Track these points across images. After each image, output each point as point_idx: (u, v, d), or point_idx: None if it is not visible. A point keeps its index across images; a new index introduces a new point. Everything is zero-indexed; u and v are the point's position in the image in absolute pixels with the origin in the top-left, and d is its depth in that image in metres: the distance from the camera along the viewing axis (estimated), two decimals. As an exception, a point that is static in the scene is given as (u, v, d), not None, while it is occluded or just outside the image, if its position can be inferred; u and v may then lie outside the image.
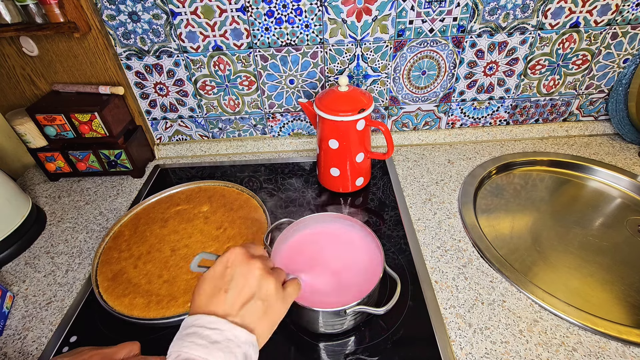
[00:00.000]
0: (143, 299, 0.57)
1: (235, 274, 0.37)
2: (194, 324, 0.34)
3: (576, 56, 0.80)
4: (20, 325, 0.58)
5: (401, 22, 0.74)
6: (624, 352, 0.49)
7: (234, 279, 0.36)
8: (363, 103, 0.67)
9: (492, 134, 0.92)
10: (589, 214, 0.72)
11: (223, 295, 0.35)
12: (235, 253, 0.38)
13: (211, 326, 0.33)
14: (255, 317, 0.36)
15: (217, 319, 0.34)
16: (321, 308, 0.47)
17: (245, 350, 0.33)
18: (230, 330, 0.33)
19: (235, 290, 0.36)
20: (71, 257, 0.69)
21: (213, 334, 0.32)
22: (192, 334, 0.33)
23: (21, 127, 0.78)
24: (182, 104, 0.87)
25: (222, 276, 0.37)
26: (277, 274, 0.39)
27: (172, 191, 0.78)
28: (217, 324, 0.33)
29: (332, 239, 0.58)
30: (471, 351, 0.50)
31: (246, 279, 0.36)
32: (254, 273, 0.37)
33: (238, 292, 0.36)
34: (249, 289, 0.36)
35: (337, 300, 0.49)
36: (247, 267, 0.37)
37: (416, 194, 0.77)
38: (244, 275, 0.37)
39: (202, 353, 0.31)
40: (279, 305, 0.38)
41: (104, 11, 0.73)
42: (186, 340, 0.32)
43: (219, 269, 0.37)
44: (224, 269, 0.37)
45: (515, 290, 0.57)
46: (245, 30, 0.75)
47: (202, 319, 0.34)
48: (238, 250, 0.38)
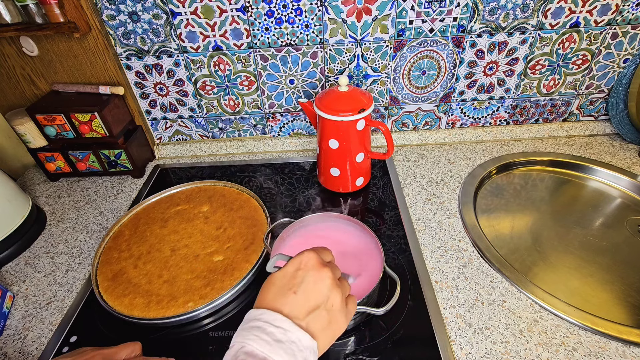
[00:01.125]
0: (143, 299, 0.57)
1: (306, 277, 0.36)
2: (259, 318, 0.33)
3: (576, 56, 0.80)
4: (20, 325, 0.58)
5: (401, 22, 0.74)
6: (624, 352, 0.49)
7: (304, 282, 0.36)
8: (363, 103, 0.67)
9: (492, 134, 0.92)
10: (589, 214, 0.72)
11: (292, 295, 0.35)
12: (309, 257, 0.37)
13: (276, 324, 0.33)
14: (320, 326, 0.35)
15: (282, 317, 0.33)
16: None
17: (306, 355, 0.33)
18: (295, 333, 0.33)
19: (304, 295, 0.35)
20: (71, 257, 0.69)
21: (277, 332, 0.32)
22: (257, 327, 0.33)
23: (21, 127, 0.78)
24: (182, 104, 0.87)
25: (293, 277, 0.36)
26: (343, 287, 0.39)
27: (172, 191, 0.78)
28: (282, 322, 0.33)
29: (332, 239, 0.58)
30: (471, 351, 0.50)
31: (316, 285, 0.36)
32: (325, 282, 0.36)
33: (306, 297, 0.35)
34: (317, 296, 0.36)
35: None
36: (319, 274, 0.36)
37: (416, 194, 0.77)
38: (314, 281, 0.36)
39: (266, 350, 0.31)
40: (341, 319, 0.37)
41: (104, 11, 0.73)
42: (251, 333, 0.32)
43: (291, 270, 0.37)
44: (295, 271, 0.37)
45: (516, 290, 0.57)
46: (245, 30, 0.75)
47: (267, 314, 0.34)
48: (312, 255, 0.38)
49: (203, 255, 0.63)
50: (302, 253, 0.38)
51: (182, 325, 0.56)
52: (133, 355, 0.43)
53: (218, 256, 0.63)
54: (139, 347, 0.44)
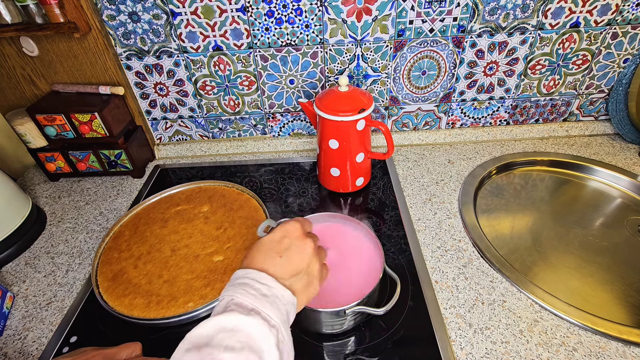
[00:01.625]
0: (143, 299, 0.57)
1: (291, 245, 0.40)
2: (246, 276, 0.36)
3: (576, 56, 0.80)
4: (21, 326, 0.58)
5: (401, 22, 0.74)
6: (624, 352, 0.49)
7: (289, 248, 0.40)
8: (363, 103, 0.67)
9: (492, 134, 0.92)
10: (589, 214, 0.72)
11: (277, 258, 0.39)
12: (294, 227, 0.41)
13: (262, 281, 0.36)
14: (300, 287, 0.39)
15: (267, 276, 0.37)
16: (321, 308, 0.47)
17: (288, 309, 0.36)
18: (278, 289, 0.36)
19: (288, 259, 0.39)
20: (71, 257, 0.69)
21: (263, 287, 0.35)
22: (244, 284, 0.36)
23: (21, 127, 0.78)
24: (182, 104, 0.87)
25: (279, 243, 0.40)
26: (321, 255, 0.43)
27: (172, 191, 0.78)
28: (267, 280, 0.36)
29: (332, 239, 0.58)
30: (471, 351, 0.50)
31: (299, 252, 0.40)
32: (307, 250, 0.40)
33: (290, 262, 0.39)
34: (300, 262, 0.40)
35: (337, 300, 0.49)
36: (303, 242, 0.41)
37: (416, 194, 0.77)
38: (298, 248, 0.40)
39: (253, 301, 0.34)
40: (316, 283, 0.41)
41: (104, 11, 0.73)
42: (240, 287, 0.35)
43: (278, 236, 0.41)
44: (281, 237, 0.40)
45: (516, 290, 0.57)
46: (246, 30, 0.75)
47: (254, 273, 0.37)
48: (297, 225, 0.42)
49: (203, 256, 0.63)
50: (288, 222, 0.42)
51: (182, 325, 0.56)
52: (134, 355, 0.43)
53: (218, 256, 0.63)
54: (139, 347, 0.44)
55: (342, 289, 0.51)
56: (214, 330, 0.32)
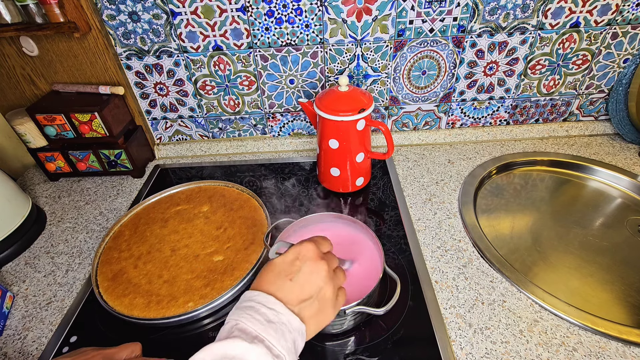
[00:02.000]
0: (143, 299, 0.57)
1: (303, 267, 0.38)
2: (254, 299, 0.35)
3: (576, 56, 0.80)
4: (20, 325, 0.58)
5: (401, 22, 0.74)
6: (624, 352, 0.49)
7: (300, 271, 0.38)
8: (363, 103, 0.67)
9: (492, 134, 0.92)
10: (589, 214, 0.72)
11: (287, 282, 0.37)
12: (307, 248, 0.39)
13: (269, 305, 0.35)
14: (310, 313, 0.37)
15: (275, 300, 0.35)
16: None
17: (294, 337, 0.35)
18: (285, 315, 0.35)
19: (299, 283, 0.37)
20: (71, 257, 0.69)
21: (270, 313, 0.34)
22: (251, 307, 0.35)
23: (21, 127, 0.78)
24: (182, 104, 0.87)
25: (291, 265, 0.38)
26: (337, 279, 0.40)
27: (172, 191, 0.78)
28: (275, 305, 0.35)
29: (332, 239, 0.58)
30: (471, 351, 0.50)
31: (311, 276, 0.38)
32: (320, 274, 0.38)
33: (300, 286, 0.37)
34: (311, 286, 0.38)
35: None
36: (316, 265, 0.38)
37: (416, 194, 0.77)
38: (310, 272, 0.38)
39: (258, 328, 0.33)
40: (330, 309, 0.39)
41: (104, 11, 0.73)
42: (245, 312, 0.34)
43: (290, 258, 0.39)
44: (294, 259, 0.39)
45: (516, 290, 0.57)
46: (246, 30, 0.75)
47: (261, 296, 0.36)
48: (310, 247, 0.40)
49: (203, 255, 0.63)
50: (302, 243, 0.40)
51: (182, 325, 0.56)
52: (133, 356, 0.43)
53: (218, 256, 0.63)
54: (139, 347, 0.44)
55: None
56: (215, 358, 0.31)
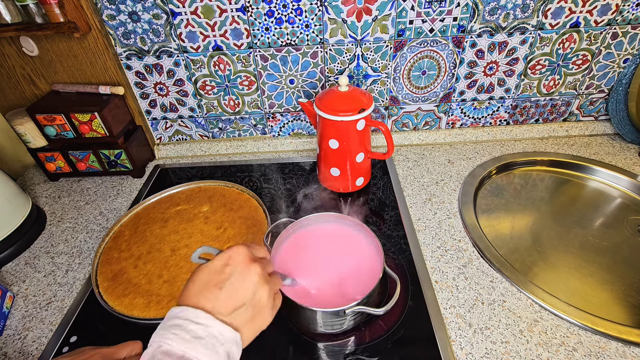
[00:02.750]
0: (143, 299, 0.57)
1: (234, 272, 0.36)
2: (179, 316, 0.33)
3: (576, 56, 0.80)
4: (20, 325, 0.58)
5: (401, 22, 0.74)
6: (624, 352, 0.49)
7: (231, 277, 0.36)
8: (363, 103, 0.67)
9: (492, 134, 0.92)
10: (589, 214, 0.72)
11: (217, 291, 0.35)
12: (237, 252, 0.37)
13: (197, 320, 0.33)
14: (244, 320, 0.35)
15: (204, 313, 0.33)
16: (321, 308, 0.47)
17: (228, 348, 0.33)
18: (216, 327, 0.33)
19: (230, 290, 0.35)
20: (71, 257, 0.69)
21: (198, 328, 0.32)
22: (177, 326, 0.32)
23: (21, 127, 0.78)
24: (182, 104, 0.87)
25: (220, 272, 0.36)
26: (273, 282, 0.39)
27: (172, 191, 0.78)
28: (203, 319, 0.33)
29: (332, 239, 0.58)
30: (471, 351, 0.50)
31: (243, 281, 0.36)
32: (252, 278, 0.36)
33: (231, 293, 0.35)
34: (244, 292, 0.36)
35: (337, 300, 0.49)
36: (247, 269, 0.36)
37: (416, 194, 0.77)
38: (242, 277, 0.36)
39: (184, 347, 0.31)
40: (267, 313, 0.38)
41: (104, 11, 0.73)
42: (169, 331, 0.32)
43: (219, 265, 0.36)
44: (223, 266, 0.36)
45: (516, 290, 0.57)
46: (245, 30, 0.75)
47: (188, 311, 0.33)
48: (241, 250, 0.37)
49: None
50: (232, 247, 0.38)
51: (182, 325, 0.56)
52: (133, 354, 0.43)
53: (218, 256, 0.63)
54: (139, 346, 0.44)
55: (341, 289, 0.51)
56: None
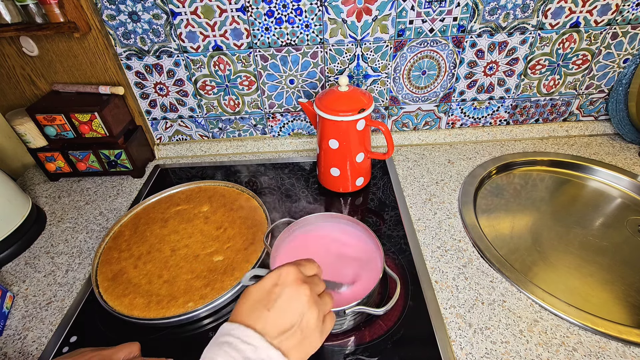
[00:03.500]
0: (143, 299, 0.57)
1: (282, 294, 0.35)
2: (231, 333, 0.33)
3: (576, 56, 0.80)
4: (20, 325, 0.58)
5: (401, 22, 0.74)
6: (624, 352, 0.49)
7: (279, 298, 0.35)
8: (363, 103, 0.67)
9: (492, 134, 0.92)
10: (589, 214, 0.72)
11: (265, 312, 0.34)
12: (288, 272, 0.36)
13: (247, 340, 0.33)
14: (292, 344, 0.35)
15: (254, 333, 0.33)
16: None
17: None
18: (265, 350, 0.32)
19: (278, 312, 0.34)
20: (71, 257, 0.69)
21: (248, 349, 0.32)
22: (228, 343, 0.32)
23: (21, 127, 0.78)
24: (182, 104, 0.87)
25: (269, 293, 0.35)
26: (322, 304, 0.38)
27: (172, 191, 0.78)
28: (253, 339, 0.33)
29: (332, 239, 0.58)
30: (471, 351, 0.50)
31: (291, 302, 0.35)
32: (301, 299, 0.35)
33: (280, 315, 0.34)
34: (292, 314, 0.35)
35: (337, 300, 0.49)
36: (296, 291, 0.35)
37: (416, 194, 0.77)
38: (290, 298, 0.35)
39: None
40: (316, 337, 0.36)
41: (104, 11, 0.73)
42: (221, 348, 0.32)
43: (268, 285, 0.36)
44: (272, 286, 0.36)
45: (516, 290, 0.57)
46: (245, 30, 0.75)
47: (239, 329, 0.33)
48: (291, 270, 0.37)
49: (203, 255, 0.63)
50: (282, 267, 0.37)
51: (182, 325, 0.56)
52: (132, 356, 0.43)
53: (218, 256, 0.63)
54: (137, 347, 0.44)
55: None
56: None
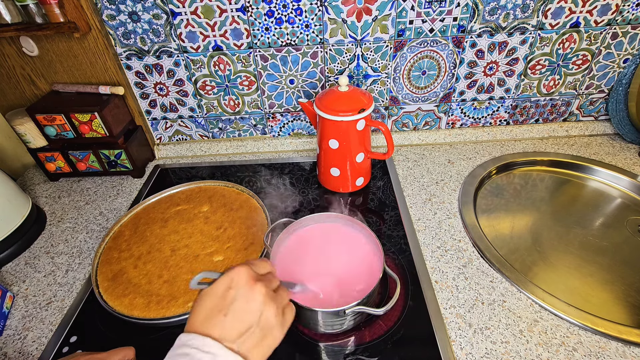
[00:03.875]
0: (143, 299, 0.57)
1: (237, 296, 0.35)
2: (188, 344, 0.33)
3: (576, 56, 0.80)
4: (20, 326, 0.58)
5: (401, 22, 0.74)
6: (624, 352, 0.49)
7: (235, 301, 0.34)
8: (363, 103, 0.67)
9: (492, 134, 0.92)
10: (589, 214, 0.72)
11: (222, 318, 0.34)
12: (239, 273, 0.36)
13: (205, 349, 0.32)
14: (253, 344, 0.34)
15: (212, 341, 0.32)
16: (321, 308, 0.47)
17: None
18: (224, 357, 0.32)
19: (235, 315, 0.34)
20: (71, 257, 0.69)
21: (205, 357, 0.31)
22: (185, 354, 0.32)
23: (21, 127, 0.78)
24: (182, 104, 0.87)
25: (223, 297, 0.35)
26: (279, 298, 0.38)
27: (172, 191, 0.78)
28: (211, 347, 0.32)
29: (331, 239, 0.58)
30: (471, 351, 0.50)
31: (247, 303, 0.35)
32: (257, 298, 0.35)
33: (237, 318, 0.34)
34: (250, 315, 0.34)
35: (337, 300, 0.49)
36: (251, 290, 0.35)
37: (416, 194, 0.77)
38: (245, 299, 0.35)
39: None
40: (276, 332, 0.36)
41: (104, 11, 0.73)
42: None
43: (221, 289, 0.35)
44: (226, 290, 0.35)
45: (516, 290, 0.57)
46: (245, 30, 0.75)
47: (196, 339, 0.33)
48: (243, 271, 0.36)
49: (203, 256, 0.63)
50: (233, 269, 0.36)
51: (182, 325, 0.55)
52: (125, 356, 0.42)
53: (218, 256, 0.63)
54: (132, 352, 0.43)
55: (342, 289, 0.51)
56: None
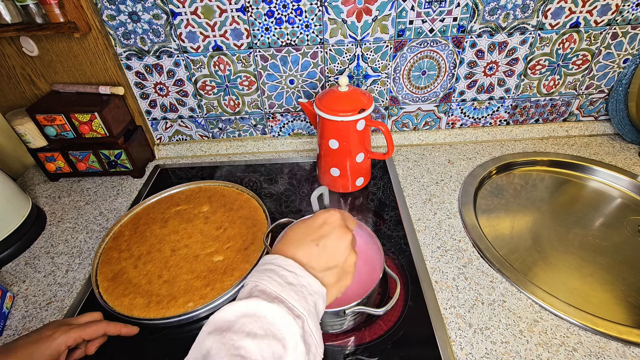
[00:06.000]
0: (143, 299, 0.57)
1: (331, 233, 0.37)
2: (273, 262, 0.35)
3: (576, 56, 0.80)
4: (20, 326, 0.58)
5: (401, 22, 0.74)
6: (624, 352, 0.49)
7: (328, 237, 0.37)
8: (363, 103, 0.67)
9: (492, 134, 0.92)
10: (589, 214, 0.72)
11: (314, 247, 0.36)
12: (336, 216, 0.39)
13: (289, 268, 0.34)
14: (332, 280, 0.37)
15: (294, 263, 0.35)
16: (321, 308, 0.47)
17: (316, 299, 0.34)
18: (305, 277, 0.34)
19: (326, 249, 0.37)
20: (71, 257, 0.69)
21: (289, 275, 0.34)
22: (270, 270, 0.34)
23: (21, 127, 0.78)
24: (182, 104, 0.87)
25: (319, 229, 0.38)
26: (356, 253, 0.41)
27: (172, 191, 0.78)
28: (294, 268, 0.34)
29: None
30: (471, 351, 0.50)
31: (338, 243, 0.37)
32: (346, 243, 0.38)
33: (327, 252, 0.37)
34: (338, 254, 0.37)
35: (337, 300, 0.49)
36: (344, 233, 0.38)
37: (416, 194, 0.77)
38: (338, 238, 0.37)
39: (278, 289, 0.32)
40: (349, 279, 0.39)
41: (104, 11, 0.73)
42: (265, 274, 0.34)
43: (318, 222, 0.38)
44: (322, 223, 0.38)
45: (516, 290, 0.57)
46: (245, 30, 0.75)
47: (280, 259, 0.35)
48: (339, 216, 0.39)
49: (203, 256, 0.63)
50: (329, 210, 0.40)
51: (182, 325, 0.56)
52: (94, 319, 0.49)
53: (218, 256, 0.63)
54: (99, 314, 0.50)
55: (342, 289, 0.51)
56: (235, 316, 0.31)
